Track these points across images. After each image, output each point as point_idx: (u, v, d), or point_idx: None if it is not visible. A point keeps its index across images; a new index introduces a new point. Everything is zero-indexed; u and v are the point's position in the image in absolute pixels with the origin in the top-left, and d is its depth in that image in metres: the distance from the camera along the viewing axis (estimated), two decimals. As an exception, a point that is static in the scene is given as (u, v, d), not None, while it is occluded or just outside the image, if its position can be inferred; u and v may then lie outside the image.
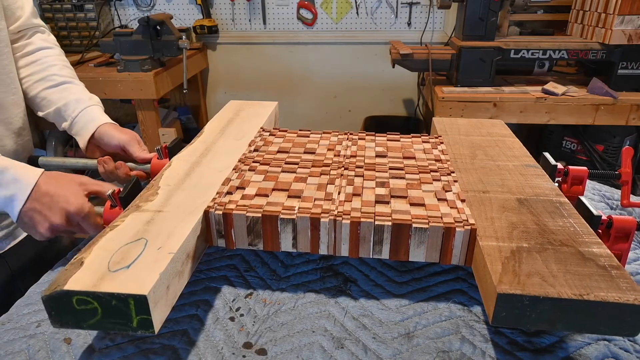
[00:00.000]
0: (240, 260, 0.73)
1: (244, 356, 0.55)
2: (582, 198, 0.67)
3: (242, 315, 0.62)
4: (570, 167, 0.77)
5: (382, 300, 0.64)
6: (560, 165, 0.78)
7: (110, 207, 0.67)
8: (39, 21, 0.95)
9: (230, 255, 0.75)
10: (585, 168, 0.77)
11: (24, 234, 0.92)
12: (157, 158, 0.82)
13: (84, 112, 0.88)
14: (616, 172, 0.82)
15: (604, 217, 0.62)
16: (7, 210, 0.68)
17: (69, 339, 0.58)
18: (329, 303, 0.63)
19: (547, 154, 0.81)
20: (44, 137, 2.49)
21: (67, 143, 2.48)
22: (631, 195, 0.86)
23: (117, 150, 0.86)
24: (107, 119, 0.89)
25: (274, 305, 0.63)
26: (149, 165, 0.83)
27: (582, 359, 0.55)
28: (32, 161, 0.89)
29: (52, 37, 0.98)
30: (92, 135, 0.87)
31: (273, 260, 0.73)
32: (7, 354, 0.57)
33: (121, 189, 0.70)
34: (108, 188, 0.70)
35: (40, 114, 0.91)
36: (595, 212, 0.62)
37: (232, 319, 0.61)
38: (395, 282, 0.68)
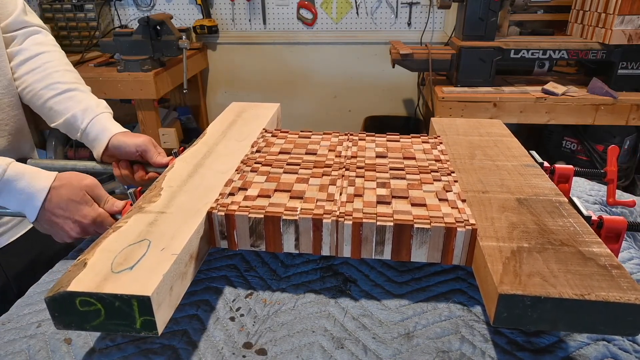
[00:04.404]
0: (241, 260, 0.74)
1: (244, 356, 0.55)
2: (574, 198, 0.67)
3: (242, 315, 0.62)
4: (556, 165, 0.77)
5: (382, 300, 0.64)
6: (546, 164, 0.78)
7: (131, 206, 0.68)
8: (34, 20, 0.91)
9: (231, 255, 0.75)
10: (571, 166, 0.77)
11: (17, 235, 0.92)
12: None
13: (94, 122, 0.85)
14: (602, 171, 0.83)
15: (594, 218, 0.62)
16: (26, 215, 0.70)
17: (69, 339, 0.59)
18: (329, 303, 0.64)
19: (533, 152, 0.82)
20: (44, 137, 2.50)
21: (67, 143, 2.48)
22: (631, 195, 0.87)
23: (135, 157, 0.85)
24: (118, 127, 0.86)
25: (274, 305, 0.63)
26: (164, 168, 0.82)
27: (582, 359, 0.55)
28: (21, 162, 0.89)
29: (51, 38, 0.93)
30: (106, 146, 0.85)
31: (273, 260, 0.73)
32: (7, 354, 0.57)
33: (142, 188, 0.72)
34: (106, 201, 0.72)
35: (51, 125, 0.88)
36: (585, 212, 0.63)
37: (232, 319, 0.61)
38: (395, 282, 0.68)
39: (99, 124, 0.85)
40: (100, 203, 0.72)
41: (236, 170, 0.72)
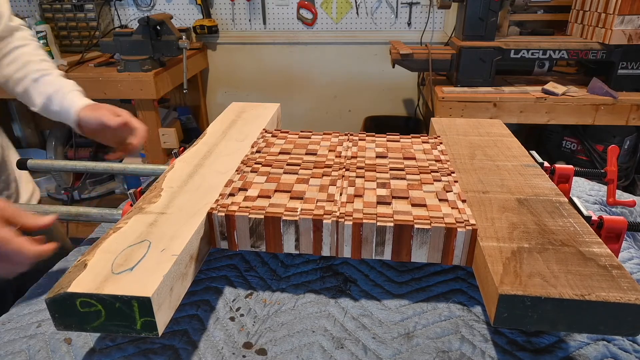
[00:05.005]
0: (241, 260, 0.74)
1: (244, 356, 0.56)
2: (574, 198, 0.67)
3: (242, 315, 0.62)
4: (556, 165, 0.78)
5: (382, 300, 0.64)
6: (546, 164, 0.78)
7: (131, 206, 0.68)
8: (17, 20, 0.98)
9: (231, 255, 0.75)
10: (571, 166, 0.77)
11: None
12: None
13: (64, 101, 0.91)
14: (602, 171, 0.83)
15: (594, 218, 0.62)
16: None
17: (69, 339, 0.59)
18: (329, 303, 0.64)
19: (533, 152, 0.82)
20: (44, 138, 2.50)
21: (67, 143, 2.48)
22: (631, 195, 0.87)
23: (100, 128, 0.90)
24: (84, 102, 0.92)
25: (274, 305, 0.63)
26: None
27: (582, 359, 0.55)
28: (21, 164, 0.91)
29: (28, 32, 1.00)
30: (78, 121, 0.91)
31: (273, 260, 0.73)
32: (7, 354, 0.57)
33: (142, 188, 0.71)
34: (26, 217, 0.61)
35: (33, 109, 0.94)
36: (585, 212, 0.63)
37: (232, 319, 0.61)
38: (395, 282, 0.68)
39: (68, 102, 0.91)
40: (17, 220, 0.61)
41: (236, 170, 0.72)
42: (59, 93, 0.92)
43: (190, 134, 2.62)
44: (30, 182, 0.96)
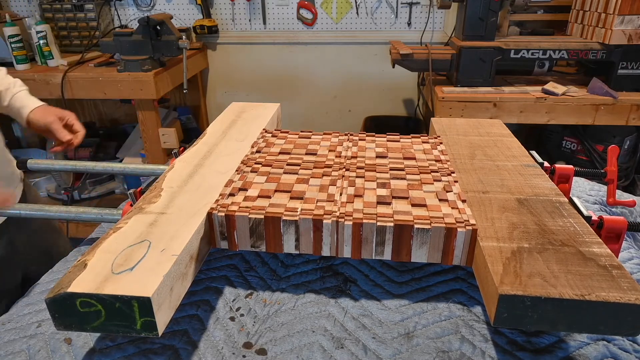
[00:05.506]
0: (241, 260, 0.74)
1: (244, 356, 0.56)
2: (574, 198, 0.67)
3: (242, 315, 0.62)
4: (556, 165, 0.78)
5: (382, 300, 0.64)
6: (546, 164, 0.78)
7: (131, 206, 0.68)
8: None
9: (231, 255, 0.75)
10: (571, 166, 0.77)
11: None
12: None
13: (13, 100, 0.96)
14: (602, 171, 0.83)
15: (594, 218, 0.62)
16: None
17: (69, 339, 0.59)
18: (329, 303, 0.64)
19: (533, 152, 0.82)
20: (44, 138, 2.49)
21: (67, 143, 2.48)
22: (631, 195, 0.87)
23: (47, 134, 0.95)
24: (35, 103, 0.97)
25: (274, 305, 0.63)
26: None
27: (582, 359, 0.55)
28: (22, 164, 0.91)
29: None
30: (27, 121, 0.96)
31: (273, 260, 0.73)
32: (7, 354, 0.57)
33: (142, 188, 0.71)
34: None
35: None
36: (585, 212, 0.63)
37: (232, 319, 0.61)
38: (395, 282, 0.68)
39: (19, 101, 0.97)
40: None
41: (236, 170, 0.72)
42: (9, 91, 0.97)
43: (190, 134, 2.61)
44: (12, 161, 0.98)
